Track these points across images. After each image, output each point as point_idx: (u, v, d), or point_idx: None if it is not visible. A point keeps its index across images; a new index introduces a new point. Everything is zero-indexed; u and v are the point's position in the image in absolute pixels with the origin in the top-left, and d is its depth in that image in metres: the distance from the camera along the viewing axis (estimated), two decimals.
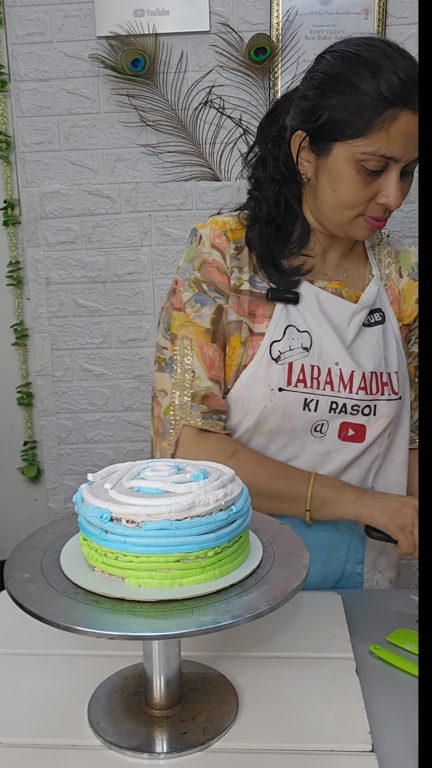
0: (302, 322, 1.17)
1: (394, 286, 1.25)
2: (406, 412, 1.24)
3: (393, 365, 1.20)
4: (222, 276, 1.17)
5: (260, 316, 1.17)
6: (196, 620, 0.73)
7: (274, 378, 1.15)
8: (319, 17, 2.12)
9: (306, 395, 1.15)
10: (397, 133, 1.04)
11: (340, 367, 1.16)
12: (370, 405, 1.17)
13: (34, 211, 2.30)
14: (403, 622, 1.05)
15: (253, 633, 1.00)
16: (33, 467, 2.48)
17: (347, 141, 1.06)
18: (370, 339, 1.19)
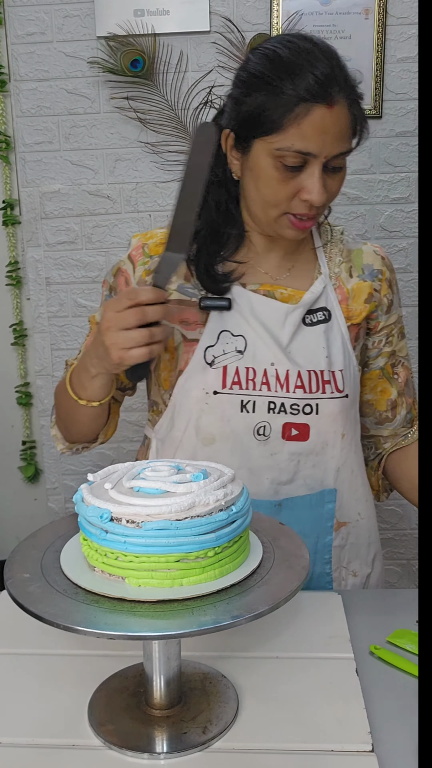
0: (236, 327, 1.17)
1: (343, 285, 1.23)
2: (356, 412, 1.23)
3: (337, 363, 1.18)
4: (128, 287, 1.21)
5: (193, 323, 1.18)
6: (196, 620, 0.73)
7: (209, 382, 1.16)
8: (319, 17, 2.12)
9: (242, 397, 1.15)
10: (311, 128, 1.04)
11: (275, 367, 1.15)
12: (311, 404, 1.16)
13: (34, 211, 2.30)
14: (403, 622, 1.05)
15: (253, 633, 1.00)
16: (31, 467, 2.48)
17: (264, 137, 1.07)
18: (311, 338, 1.18)
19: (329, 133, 1.04)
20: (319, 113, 1.03)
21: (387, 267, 1.26)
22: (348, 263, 1.25)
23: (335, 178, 1.10)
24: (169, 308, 1.03)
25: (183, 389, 1.18)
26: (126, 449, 2.42)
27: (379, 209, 2.25)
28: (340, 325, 1.21)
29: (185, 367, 1.18)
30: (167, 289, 1.10)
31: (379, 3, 2.10)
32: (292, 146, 1.04)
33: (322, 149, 1.04)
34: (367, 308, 1.23)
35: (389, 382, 1.29)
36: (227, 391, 1.15)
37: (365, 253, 1.26)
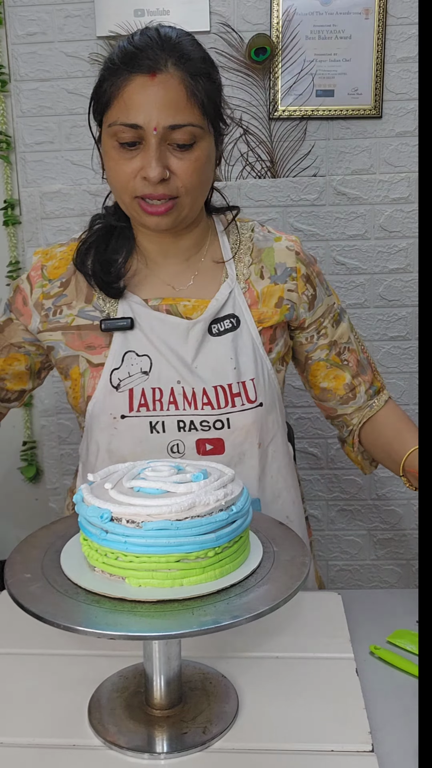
0: (140, 346, 1.15)
1: (253, 288, 1.19)
2: (276, 416, 1.20)
3: (248, 372, 1.15)
4: (24, 308, 1.22)
5: (99, 347, 1.17)
6: (196, 620, 0.73)
7: (116, 406, 1.14)
8: (319, 17, 2.11)
9: (150, 418, 1.14)
10: (132, 98, 1.03)
11: (182, 385, 1.13)
12: (221, 419, 1.14)
13: (34, 211, 2.30)
14: (403, 622, 1.05)
15: (253, 633, 1.01)
16: (32, 467, 2.48)
17: (104, 120, 1.09)
18: (218, 349, 1.15)
19: (154, 103, 1.03)
20: (138, 82, 1.03)
21: (302, 262, 1.22)
22: (258, 264, 1.20)
23: (186, 157, 1.06)
24: None
25: (92, 415, 1.18)
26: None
27: (379, 209, 2.25)
28: (251, 330, 1.17)
29: (92, 392, 1.17)
30: (70, 316, 1.16)
31: (379, 3, 2.10)
32: (119, 119, 1.04)
33: (148, 120, 1.03)
34: (278, 312, 1.19)
35: (340, 368, 1.26)
36: (135, 414, 1.14)
37: (276, 252, 1.21)
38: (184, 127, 1.04)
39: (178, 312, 1.16)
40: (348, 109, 2.17)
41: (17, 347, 1.25)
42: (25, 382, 1.29)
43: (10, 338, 1.24)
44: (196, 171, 1.07)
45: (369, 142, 2.21)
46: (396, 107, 2.19)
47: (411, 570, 2.44)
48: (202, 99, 1.05)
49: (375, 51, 2.13)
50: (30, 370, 1.28)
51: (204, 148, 1.07)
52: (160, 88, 1.03)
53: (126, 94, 1.04)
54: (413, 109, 2.19)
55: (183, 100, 1.04)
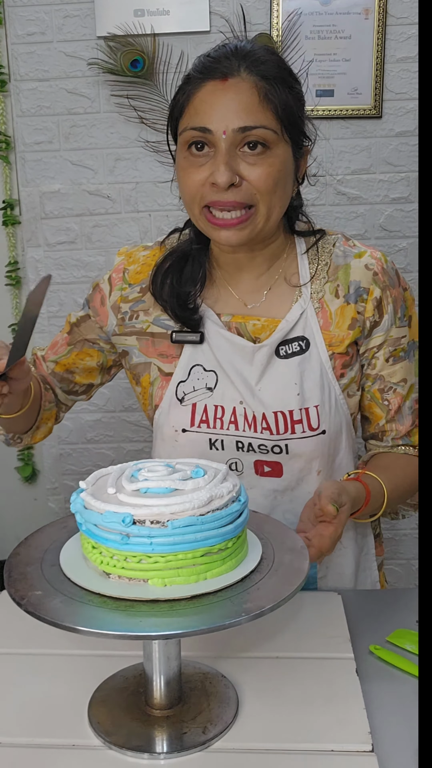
0: (208, 361, 1.14)
1: (327, 307, 1.14)
2: (342, 443, 1.16)
3: (312, 399, 1.11)
4: (101, 308, 1.23)
5: (170, 357, 1.18)
6: (196, 620, 0.73)
7: (179, 419, 1.15)
8: (319, 17, 2.12)
9: (210, 435, 1.13)
10: (202, 102, 1.02)
11: (244, 406, 1.12)
12: (280, 444, 1.12)
13: (33, 210, 2.30)
14: (403, 622, 1.05)
15: (253, 633, 1.00)
16: (28, 467, 2.48)
17: (178, 128, 1.07)
18: (284, 373, 1.12)
19: (223, 106, 1.01)
20: (210, 87, 1.02)
21: (378, 284, 1.14)
22: (334, 282, 1.15)
23: (259, 163, 1.02)
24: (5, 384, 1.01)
25: (157, 425, 1.19)
26: (126, 449, 2.42)
27: (379, 209, 2.25)
28: (320, 354, 1.13)
29: (160, 402, 1.18)
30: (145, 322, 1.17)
31: (379, 3, 2.10)
32: (189, 124, 1.03)
33: (217, 122, 1.00)
34: (351, 335, 1.14)
35: (378, 407, 1.20)
36: (195, 429, 1.14)
37: (353, 269, 1.14)
38: (255, 129, 1.00)
39: (246, 331, 1.15)
40: (348, 109, 2.17)
41: (92, 343, 1.26)
42: (94, 376, 1.30)
43: (86, 334, 1.26)
44: (271, 176, 1.02)
45: (369, 142, 2.21)
46: (396, 107, 2.19)
47: (411, 570, 2.44)
48: (276, 104, 1.02)
49: (375, 51, 2.13)
50: (101, 366, 1.29)
51: (279, 155, 1.03)
52: (231, 91, 1.01)
53: (197, 100, 1.03)
54: (413, 109, 2.19)
55: (255, 103, 1.01)
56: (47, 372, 1.29)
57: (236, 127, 1.00)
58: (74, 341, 1.27)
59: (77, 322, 1.27)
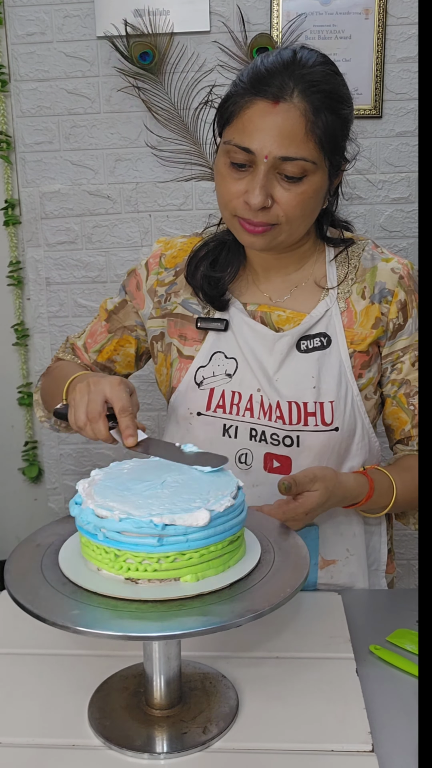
0: (230, 349, 1.16)
1: (353, 307, 1.16)
2: (357, 444, 1.16)
3: (328, 394, 1.12)
4: (137, 292, 1.25)
5: (191, 339, 1.19)
6: (196, 620, 0.73)
7: (195, 402, 1.16)
8: (319, 17, 2.11)
9: (225, 421, 1.15)
10: (251, 121, 1.01)
11: (261, 394, 1.13)
12: (291, 435, 1.12)
13: (34, 211, 2.30)
14: (403, 622, 1.05)
15: (253, 633, 1.00)
16: (34, 467, 2.48)
17: (222, 133, 1.07)
18: (302, 366, 1.13)
19: (270, 131, 1.01)
20: (260, 107, 1.01)
21: (403, 287, 1.16)
22: (361, 284, 1.17)
23: (292, 190, 1.04)
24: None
25: (173, 407, 1.20)
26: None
27: (379, 209, 2.25)
28: (341, 352, 1.14)
29: (177, 384, 1.19)
30: (174, 303, 1.20)
31: (379, 3, 2.10)
32: (233, 139, 1.03)
33: (261, 147, 1.01)
34: (373, 334, 1.15)
35: (404, 411, 1.20)
36: (211, 414, 1.15)
37: (380, 271, 1.17)
38: (295, 161, 1.02)
39: (271, 321, 1.16)
40: None
41: (130, 330, 1.27)
42: (132, 366, 1.31)
43: (124, 320, 1.27)
44: (300, 204, 1.05)
45: (369, 142, 2.21)
46: (396, 107, 2.19)
47: (411, 570, 2.44)
48: (321, 135, 1.02)
49: (375, 51, 2.13)
50: (137, 354, 1.30)
51: (314, 182, 1.05)
52: (280, 117, 1.01)
53: (246, 117, 1.02)
54: (413, 109, 2.19)
55: (300, 133, 1.01)
56: (90, 362, 1.29)
57: (278, 156, 1.01)
58: (114, 329, 1.28)
59: (115, 310, 1.28)
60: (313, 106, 1.01)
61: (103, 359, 1.29)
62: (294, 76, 1.01)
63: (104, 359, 1.29)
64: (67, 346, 1.32)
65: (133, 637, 0.72)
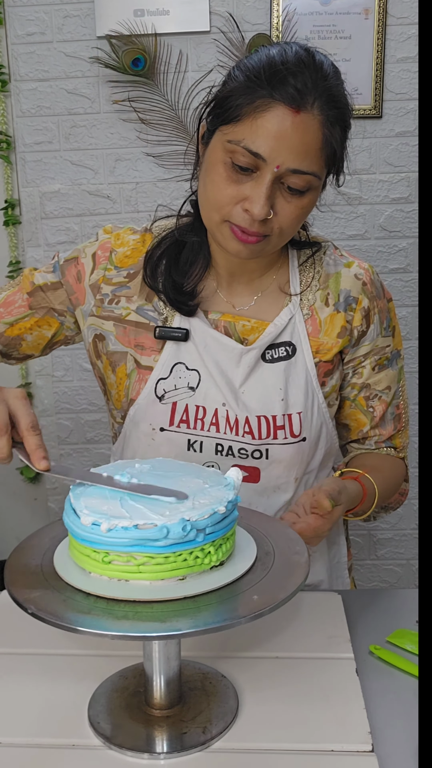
0: (191, 360, 1.11)
1: (317, 315, 1.13)
2: (321, 451, 1.16)
3: (296, 405, 1.10)
4: (77, 284, 1.16)
5: (149, 349, 1.13)
6: (196, 620, 0.73)
7: (157, 417, 1.11)
8: (319, 17, 2.12)
9: (189, 436, 1.11)
10: (267, 126, 0.95)
11: (226, 408, 1.10)
12: (260, 449, 1.10)
13: (34, 211, 2.30)
14: (403, 622, 1.05)
15: (253, 633, 1.00)
16: None
17: (223, 127, 0.99)
18: (268, 377, 1.11)
19: (287, 141, 0.95)
20: (280, 113, 0.95)
21: (367, 294, 1.14)
22: (324, 290, 1.14)
23: (294, 202, 1.00)
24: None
25: (132, 421, 1.15)
26: None
27: (379, 209, 2.25)
28: (306, 360, 1.12)
29: (136, 397, 1.14)
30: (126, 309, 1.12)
31: (379, 3, 2.10)
32: (242, 141, 0.96)
33: (274, 155, 0.95)
34: (339, 343, 1.14)
35: (363, 414, 1.21)
36: (174, 429, 1.11)
37: (344, 278, 1.14)
38: (305, 175, 0.98)
39: (235, 331, 1.13)
40: None
41: (58, 314, 1.19)
42: (39, 348, 1.23)
43: (54, 302, 1.18)
44: (297, 218, 1.02)
45: (369, 142, 2.21)
46: (396, 107, 2.19)
47: (411, 570, 2.44)
48: (333, 150, 0.99)
49: (375, 51, 2.13)
50: (51, 339, 1.22)
51: (313, 197, 1.02)
52: (300, 128, 0.95)
53: (262, 120, 0.95)
54: (413, 109, 2.19)
55: (316, 148, 0.97)
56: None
57: (290, 168, 0.96)
58: (37, 306, 1.18)
59: (44, 287, 1.17)
60: (329, 120, 0.97)
61: (13, 334, 1.19)
62: (318, 86, 0.96)
63: (14, 335, 1.19)
64: None
65: (133, 637, 0.72)
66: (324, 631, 1.01)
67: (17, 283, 1.21)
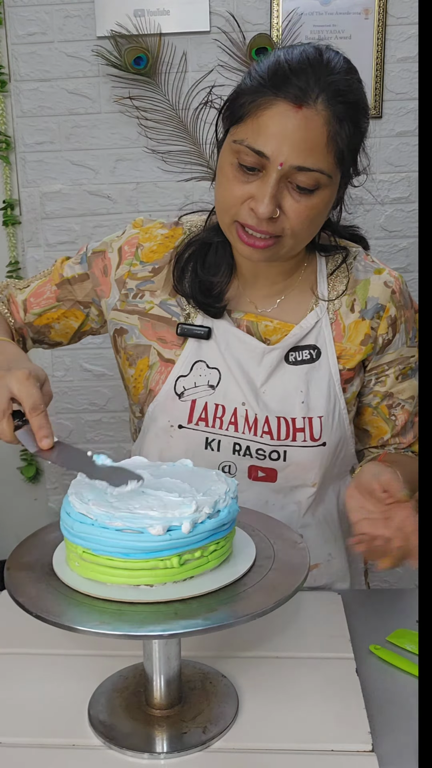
0: (212, 358, 1.11)
1: (341, 321, 1.12)
2: (342, 458, 1.15)
3: (317, 409, 1.09)
4: (104, 277, 1.17)
5: (170, 343, 1.13)
6: (196, 620, 0.73)
7: (176, 414, 1.11)
8: (319, 17, 2.11)
9: (207, 434, 1.10)
10: (269, 123, 0.93)
11: (246, 408, 1.09)
12: (278, 450, 1.10)
13: (34, 211, 2.30)
14: (403, 622, 1.05)
15: (253, 633, 1.00)
16: (32, 467, 2.48)
17: (231, 129, 0.99)
18: (290, 379, 1.10)
19: (290, 138, 0.93)
20: (281, 110, 0.93)
21: (395, 303, 1.13)
22: (351, 296, 1.13)
23: (303, 202, 0.98)
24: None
25: (150, 417, 1.15)
26: (126, 449, 2.42)
27: (379, 209, 2.25)
28: (330, 365, 1.11)
29: (155, 388, 1.13)
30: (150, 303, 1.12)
31: (379, 3, 2.10)
32: (246, 140, 0.95)
33: (277, 153, 0.94)
34: (362, 351, 1.13)
35: (385, 422, 1.19)
36: (192, 427, 1.11)
37: (373, 285, 1.13)
38: (311, 172, 0.95)
39: (257, 331, 1.12)
40: None
41: (83, 306, 1.20)
42: (67, 337, 1.24)
43: (79, 295, 1.19)
44: (308, 218, 0.99)
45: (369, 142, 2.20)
46: (396, 107, 2.19)
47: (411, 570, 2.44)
48: (342, 148, 0.97)
49: (375, 51, 2.13)
50: (78, 329, 1.22)
51: (324, 196, 0.99)
52: (302, 123, 0.93)
53: (263, 117, 0.94)
54: (413, 109, 2.19)
55: (321, 144, 0.95)
56: (23, 322, 1.20)
57: (294, 165, 0.95)
58: (64, 298, 1.19)
59: (72, 280, 1.18)
60: (336, 116, 0.95)
61: (41, 323, 1.20)
62: (321, 82, 0.94)
63: (42, 324, 1.21)
64: (4, 294, 1.21)
65: (133, 636, 0.72)
66: (324, 631, 1.01)
67: (48, 273, 1.22)
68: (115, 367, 2.31)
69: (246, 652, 0.98)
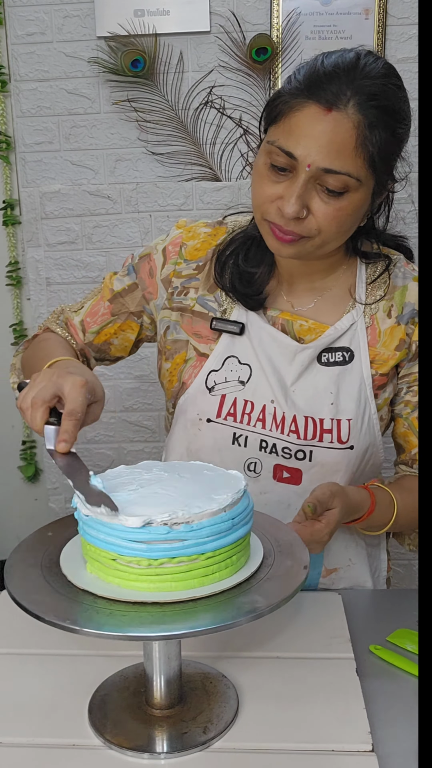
0: (244, 354, 1.12)
1: (377, 326, 1.12)
2: (370, 465, 1.15)
3: (346, 412, 1.09)
4: (150, 279, 1.20)
5: (205, 338, 1.15)
6: (196, 620, 0.73)
7: (205, 408, 1.13)
8: (319, 17, 2.11)
9: (235, 429, 1.11)
10: (299, 126, 0.96)
11: (274, 405, 1.10)
12: (304, 450, 1.10)
13: (34, 211, 2.30)
14: (403, 622, 1.05)
15: (253, 633, 1.00)
16: (31, 467, 2.48)
17: (268, 130, 1.02)
18: (321, 380, 1.10)
19: (318, 140, 0.95)
20: (311, 112, 0.96)
21: None
22: (389, 301, 1.13)
23: (331, 204, 0.99)
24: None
25: (180, 410, 1.16)
26: (126, 449, 2.42)
27: None
28: (362, 369, 1.11)
29: (188, 381, 1.15)
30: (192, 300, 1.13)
31: (379, 3, 2.10)
32: (277, 140, 0.98)
33: (305, 154, 0.96)
34: (396, 356, 1.12)
35: (415, 435, 1.17)
36: (221, 421, 1.12)
37: (410, 291, 1.13)
38: (338, 175, 0.96)
39: (292, 330, 1.13)
40: None
41: (136, 316, 1.22)
42: (127, 350, 1.27)
43: (131, 306, 1.22)
44: (336, 220, 1.00)
45: None
46: None
47: (411, 570, 2.44)
48: (372, 152, 0.98)
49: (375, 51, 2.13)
50: (135, 340, 1.25)
51: (355, 199, 1.00)
52: (330, 126, 0.95)
53: (294, 119, 0.97)
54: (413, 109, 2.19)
55: (350, 147, 0.96)
56: (83, 342, 1.23)
57: (321, 166, 0.96)
58: (118, 312, 1.22)
59: (122, 292, 1.21)
60: (368, 120, 0.96)
61: (100, 341, 1.24)
62: (353, 85, 0.95)
63: (101, 341, 1.24)
64: (61, 319, 1.25)
65: (133, 637, 0.72)
66: (324, 631, 1.01)
67: (99, 291, 1.25)
68: (115, 368, 2.31)
69: (246, 652, 0.98)
